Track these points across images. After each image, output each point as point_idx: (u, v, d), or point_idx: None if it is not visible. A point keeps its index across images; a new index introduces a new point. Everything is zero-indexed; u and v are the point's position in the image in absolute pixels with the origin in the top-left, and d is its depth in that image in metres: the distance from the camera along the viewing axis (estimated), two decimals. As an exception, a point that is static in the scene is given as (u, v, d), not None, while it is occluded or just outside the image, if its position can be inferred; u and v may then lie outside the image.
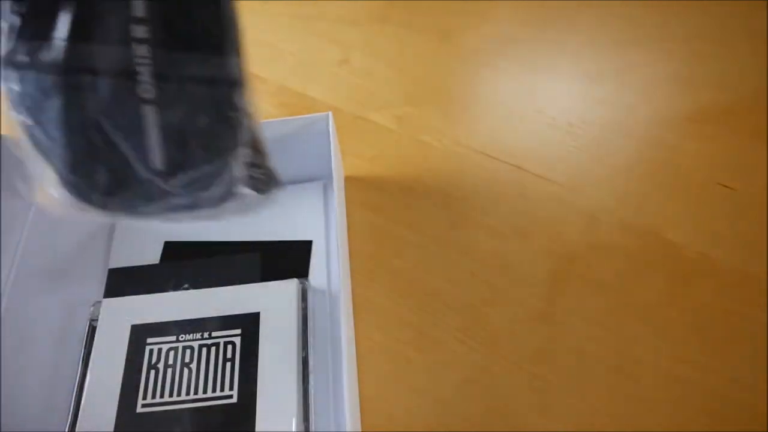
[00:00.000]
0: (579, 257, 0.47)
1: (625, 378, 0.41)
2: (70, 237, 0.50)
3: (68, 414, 0.40)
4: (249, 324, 0.42)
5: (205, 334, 0.42)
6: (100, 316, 0.43)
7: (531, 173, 0.53)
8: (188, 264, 0.47)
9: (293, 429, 0.37)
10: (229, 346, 0.42)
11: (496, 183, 0.52)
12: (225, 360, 0.41)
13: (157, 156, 0.27)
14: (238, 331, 0.42)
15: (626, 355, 0.42)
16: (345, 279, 0.44)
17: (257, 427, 0.38)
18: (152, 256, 0.49)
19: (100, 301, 0.44)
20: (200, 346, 0.42)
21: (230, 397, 0.40)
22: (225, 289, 0.44)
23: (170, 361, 0.41)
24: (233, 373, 0.40)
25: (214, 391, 0.40)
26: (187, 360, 0.41)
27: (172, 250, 0.49)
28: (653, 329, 0.43)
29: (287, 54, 0.67)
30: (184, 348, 0.42)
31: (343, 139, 0.57)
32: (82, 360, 0.42)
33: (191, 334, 0.42)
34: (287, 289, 0.44)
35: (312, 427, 0.38)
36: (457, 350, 0.43)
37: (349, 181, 0.54)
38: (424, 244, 0.49)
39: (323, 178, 0.53)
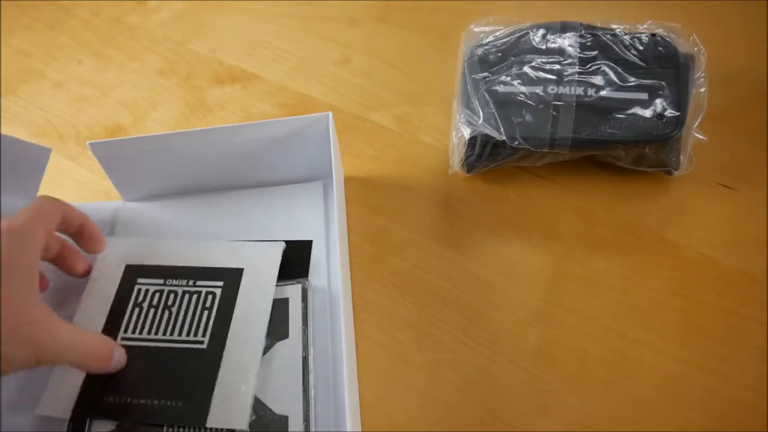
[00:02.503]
0: (579, 257, 0.47)
1: (625, 378, 0.41)
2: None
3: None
4: (231, 278, 0.45)
5: (190, 282, 0.45)
6: (98, 258, 0.46)
7: (531, 173, 0.53)
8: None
9: (251, 383, 0.39)
10: (210, 296, 0.44)
11: (495, 182, 0.52)
12: (204, 308, 0.43)
13: None
14: (220, 283, 0.44)
15: (626, 355, 0.42)
16: (345, 279, 0.44)
17: (219, 374, 0.40)
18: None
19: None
20: (184, 292, 0.44)
21: (201, 342, 0.42)
22: (215, 244, 0.47)
23: (155, 302, 0.44)
24: (208, 321, 0.43)
25: (188, 335, 0.42)
26: (170, 303, 0.44)
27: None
28: (653, 329, 0.43)
29: (287, 54, 0.67)
30: (169, 291, 0.44)
31: (343, 139, 0.57)
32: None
33: (178, 280, 0.45)
34: (272, 249, 0.46)
35: (312, 427, 0.38)
36: (457, 350, 0.43)
37: (349, 181, 0.54)
38: (424, 244, 0.49)
39: (323, 178, 0.53)
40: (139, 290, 0.45)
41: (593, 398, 0.41)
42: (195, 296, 0.44)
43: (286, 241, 0.47)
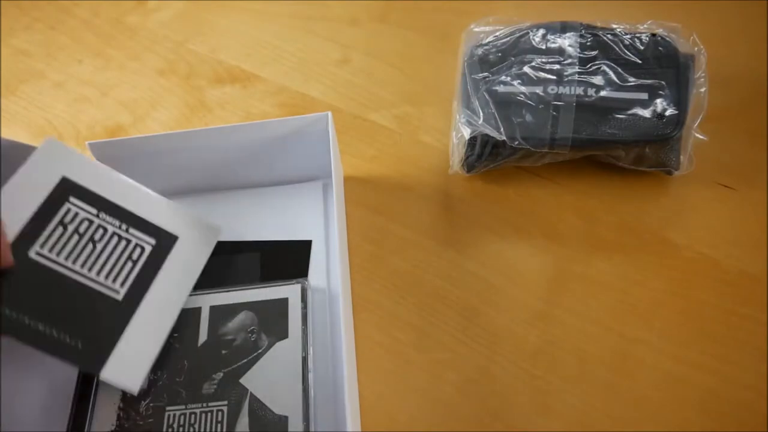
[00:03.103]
0: (579, 257, 0.47)
1: (625, 378, 0.41)
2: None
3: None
4: (165, 241, 0.44)
5: (123, 226, 0.43)
6: (38, 148, 0.42)
7: (531, 173, 0.53)
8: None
9: (155, 352, 0.39)
10: (138, 249, 0.42)
11: (495, 182, 0.52)
12: (129, 258, 0.42)
13: None
14: (153, 241, 0.43)
15: (626, 355, 0.42)
16: (345, 279, 0.44)
17: (126, 331, 0.39)
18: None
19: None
20: (114, 233, 0.42)
21: (117, 292, 0.40)
22: (161, 200, 0.45)
23: (81, 230, 0.41)
24: (130, 273, 0.41)
25: (106, 279, 0.40)
26: (96, 237, 0.41)
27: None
28: (653, 329, 0.43)
29: (287, 54, 0.67)
30: (99, 225, 0.42)
31: (342, 139, 0.57)
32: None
33: (112, 218, 0.42)
34: (210, 233, 0.46)
35: (312, 427, 0.38)
36: (457, 350, 0.43)
37: (349, 180, 0.54)
38: (424, 244, 0.49)
39: (323, 178, 0.53)
40: (69, 210, 0.41)
41: (593, 398, 0.41)
42: (124, 243, 0.42)
43: (286, 242, 0.47)
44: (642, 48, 0.48)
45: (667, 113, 0.46)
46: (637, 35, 0.49)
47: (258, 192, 0.53)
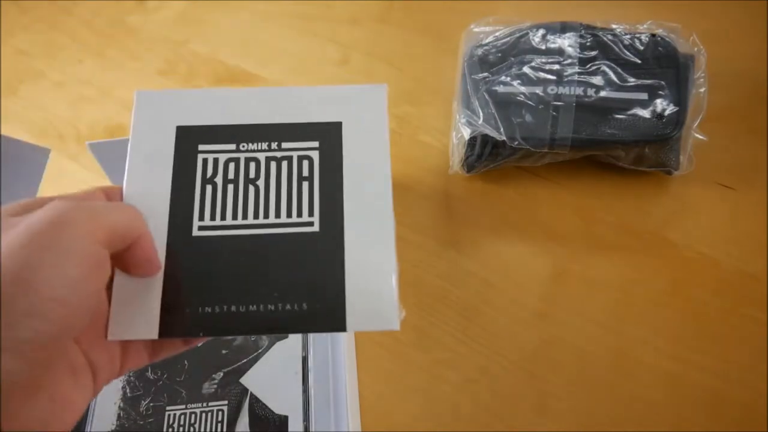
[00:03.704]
0: (579, 257, 0.47)
1: (625, 378, 0.41)
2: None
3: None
4: (329, 135, 0.33)
5: (273, 145, 0.33)
6: (134, 112, 0.34)
7: (531, 173, 0.53)
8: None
9: (393, 269, 0.31)
10: (305, 162, 0.33)
11: (495, 182, 0.52)
12: (301, 178, 0.32)
13: None
14: (315, 144, 0.33)
15: (626, 354, 0.42)
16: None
17: (346, 263, 0.31)
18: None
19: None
20: (268, 159, 0.33)
21: (310, 224, 0.31)
22: (295, 91, 0.35)
23: (230, 176, 0.32)
24: (312, 194, 0.32)
25: (289, 216, 0.32)
26: (252, 175, 0.32)
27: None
28: (653, 329, 0.43)
29: (287, 54, 0.67)
30: (248, 160, 0.33)
31: (343, 139, 0.57)
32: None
33: (255, 143, 0.33)
34: (375, 91, 0.34)
35: (312, 428, 0.38)
36: (457, 350, 0.43)
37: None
38: (424, 244, 0.49)
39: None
40: (205, 161, 0.33)
41: (593, 398, 0.41)
42: (285, 163, 0.33)
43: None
44: (642, 48, 0.48)
45: (667, 113, 0.46)
46: (637, 35, 0.49)
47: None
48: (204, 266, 0.30)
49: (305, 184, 0.32)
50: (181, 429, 0.39)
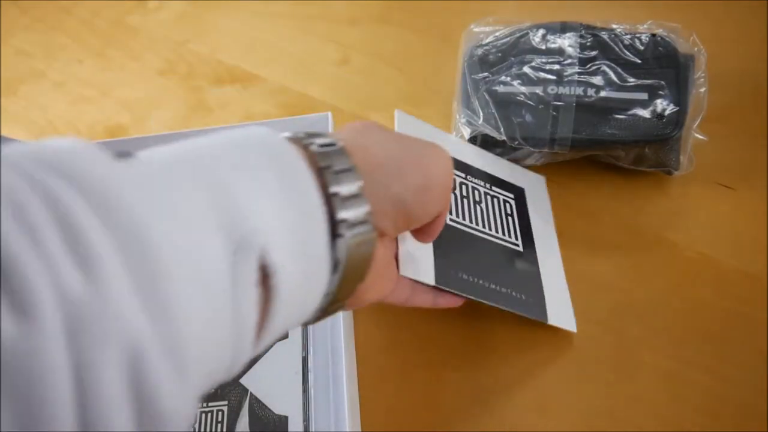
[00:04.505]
0: (579, 257, 0.47)
1: (625, 378, 0.41)
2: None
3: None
4: (518, 194, 0.48)
5: (487, 185, 0.47)
6: (396, 124, 0.46)
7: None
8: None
9: (567, 292, 0.44)
10: (507, 204, 0.46)
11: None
12: (506, 214, 0.46)
13: None
14: (512, 195, 0.47)
15: (626, 354, 0.42)
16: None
17: (542, 276, 0.43)
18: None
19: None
20: (485, 193, 0.46)
21: (517, 245, 0.44)
22: (497, 159, 0.50)
23: (464, 193, 0.45)
24: (514, 226, 0.45)
25: (503, 234, 0.44)
26: (477, 199, 0.45)
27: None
28: (653, 329, 0.43)
29: (287, 54, 0.67)
30: (473, 187, 0.45)
31: (343, 139, 0.57)
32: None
33: (477, 180, 0.46)
34: (538, 179, 0.51)
35: (312, 428, 0.38)
36: (457, 350, 0.43)
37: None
38: (424, 244, 0.49)
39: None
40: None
41: (593, 398, 0.41)
42: (495, 200, 0.46)
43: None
44: (642, 48, 0.48)
45: (667, 113, 0.46)
46: (637, 35, 0.49)
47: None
48: (456, 245, 0.41)
49: (509, 218, 0.46)
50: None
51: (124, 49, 0.70)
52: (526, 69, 0.49)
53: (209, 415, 0.39)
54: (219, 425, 0.39)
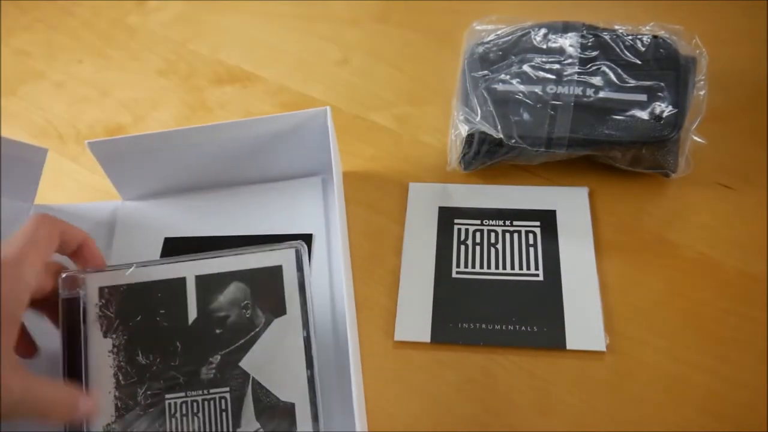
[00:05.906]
0: (579, 257, 0.47)
1: (626, 378, 0.41)
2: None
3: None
4: (546, 218, 0.49)
5: (507, 222, 0.48)
6: (409, 196, 0.51)
7: (528, 171, 0.53)
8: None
9: (598, 309, 0.44)
10: (530, 234, 0.48)
11: (492, 180, 0.52)
12: (528, 245, 0.47)
13: None
14: (537, 223, 0.48)
15: (626, 355, 0.42)
16: (347, 276, 0.44)
17: (564, 302, 0.44)
18: (153, 252, 0.49)
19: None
20: (503, 231, 0.48)
21: (536, 275, 0.45)
22: (522, 189, 0.51)
23: (477, 240, 0.47)
24: (536, 255, 0.47)
25: (520, 269, 0.46)
26: (492, 241, 0.47)
27: (173, 245, 0.50)
28: (653, 329, 0.43)
29: (287, 54, 0.67)
30: (489, 230, 0.48)
31: (342, 138, 0.57)
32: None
33: (494, 221, 0.49)
34: (578, 192, 0.51)
35: (321, 428, 0.37)
36: (457, 350, 0.43)
37: (349, 180, 0.54)
38: (423, 244, 0.49)
39: (322, 173, 0.53)
40: (459, 229, 0.48)
41: (593, 398, 0.40)
42: (516, 235, 0.48)
43: (286, 235, 0.46)
44: (643, 49, 0.48)
45: (665, 115, 0.46)
46: (639, 36, 0.49)
47: (257, 188, 0.53)
48: (460, 297, 0.45)
49: (531, 249, 0.47)
50: (184, 418, 0.37)
51: (124, 49, 0.70)
52: (525, 68, 0.49)
53: (212, 402, 0.38)
54: (224, 413, 0.38)
